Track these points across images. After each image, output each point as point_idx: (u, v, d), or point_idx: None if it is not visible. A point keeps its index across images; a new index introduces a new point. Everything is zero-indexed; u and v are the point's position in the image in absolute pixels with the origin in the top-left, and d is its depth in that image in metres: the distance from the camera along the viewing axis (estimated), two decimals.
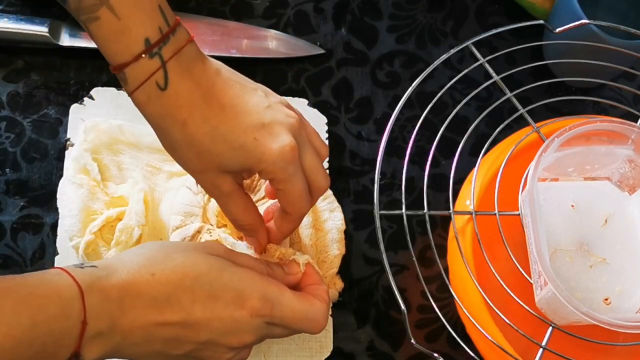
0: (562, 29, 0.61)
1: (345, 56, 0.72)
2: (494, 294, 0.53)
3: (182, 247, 0.48)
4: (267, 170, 0.47)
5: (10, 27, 0.66)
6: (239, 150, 0.46)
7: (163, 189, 0.63)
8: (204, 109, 0.45)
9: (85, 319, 0.41)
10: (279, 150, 0.46)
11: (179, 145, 0.46)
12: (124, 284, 0.44)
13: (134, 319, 0.44)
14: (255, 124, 0.46)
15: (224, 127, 0.45)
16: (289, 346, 0.61)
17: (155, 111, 0.45)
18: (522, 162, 0.58)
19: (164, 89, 0.44)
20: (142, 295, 0.44)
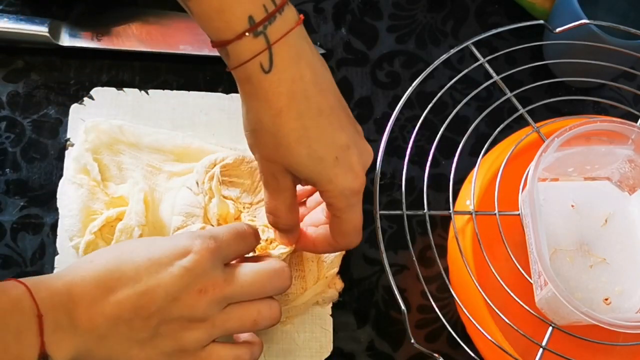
0: (562, 29, 0.61)
1: (345, 56, 0.72)
2: (494, 294, 0.53)
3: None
4: (331, 193, 0.46)
5: (10, 27, 0.66)
6: (317, 162, 0.45)
7: (163, 189, 0.63)
8: (303, 105, 0.44)
9: (39, 312, 0.41)
10: (351, 181, 0.46)
11: (262, 131, 0.45)
12: (67, 278, 0.43)
13: (88, 305, 0.43)
14: (342, 144, 0.45)
15: (314, 132, 0.44)
16: (289, 346, 0.61)
17: (252, 91, 0.44)
18: (522, 162, 0.58)
19: (267, 72, 0.43)
20: (86, 279, 0.43)
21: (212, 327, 0.46)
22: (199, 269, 0.45)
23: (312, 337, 0.61)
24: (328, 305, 0.62)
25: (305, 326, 0.62)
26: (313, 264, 0.61)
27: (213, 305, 0.46)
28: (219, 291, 0.46)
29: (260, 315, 0.48)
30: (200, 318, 0.46)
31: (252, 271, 0.48)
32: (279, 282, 0.49)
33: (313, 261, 0.61)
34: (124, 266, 0.44)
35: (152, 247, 0.46)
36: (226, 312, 0.47)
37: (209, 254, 0.46)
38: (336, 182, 0.45)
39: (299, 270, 0.60)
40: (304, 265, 0.60)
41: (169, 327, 0.45)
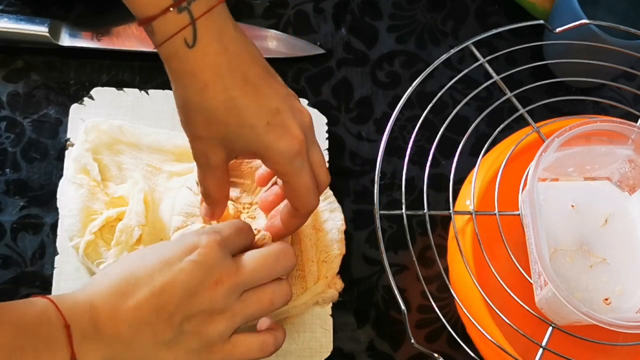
0: (562, 29, 0.61)
1: (345, 56, 0.72)
2: (494, 294, 0.53)
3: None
4: (272, 160, 0.46)
5: (10, 27, 0.66)
6: (249, 130, 0.45)
7: (163, 189, 0.63)
8: (228, 77, 0.44)
9: (66, 322, 0.42)
10: (288, 142, 0.46)
11: (191, 107, 0.45)
12: (86, 291, 0.45)
13: (110, 313, 0.44)
14: (272, 108, 0.46)
15: (242, 101, 0.45)
16: (289, 346, 0.61)
17: (178, 68, 0.45)
18: (522, 162, 0.58)
19: (191, 47, 0.43)
20: (104, 290, 0.44)
21: (233, 317, 0.47)
22: (211, 261, 0.46)
23: (312, 337, 0.61)
24: (328, 305, 0.62)
25: (305, 326, 0.62)
26: (313, 264, 0.61)
27: (231, 294, 0.47)
28: (234, 280, 0.47)
29: (275, 294, 0.49)
30: (220, 309, 0.46)
31: (260, 256, 0.49)
32: (285, 261, 0.50)
33: (313, 261, 0.61)
34: (137, 272, 0.45)
35: (161, 250, 0.47)
36: (243, 299, 0.48)
37: (217, 246, 0.47)
38: (273, 146, 0.45)
39: (299, 270, 0.61)
40: (304, 266, 0.61)
41: (192, 324, 0.46)
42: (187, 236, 0.48)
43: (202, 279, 0.46)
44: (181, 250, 0.46)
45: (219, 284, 0.46)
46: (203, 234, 0.47)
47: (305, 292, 0.60)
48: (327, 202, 0.64)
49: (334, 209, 0.64)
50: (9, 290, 0.61)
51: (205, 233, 0.48)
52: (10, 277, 0.61)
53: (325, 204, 0.64)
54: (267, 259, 0.49)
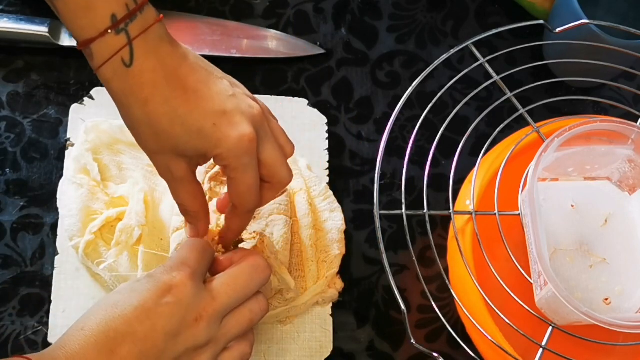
0: (562, 29, 0.61)
1: (345, 56, 0.72)
2: (494, 294, 0.53)
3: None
4: (221, 157, 0.46)
5: (10, 27, 0.66)
6: (196, 134, 0.46)
7: (163, 189, 0.63)
8: (166, 89, 0.45)
9: None
10: (237, 138, 0.46)
11: (138, 124, 0.46)
12: (66, 349, 0.44)
13: None
14: (216, 110, 0.46)
15: (183, 109, 0.45)
16: (289, 346, 0.61)
17: (119, 88, 0.46)
18: (522, 162, 0.58)
19: (129, 66, 0.44)
20: (85, 348, 0.44)
21: (216, 345, 0.47)
22: (187, 298, 0.46)
23: (312, 337, 0.61)
24: (328, 305, 0.62)
25: (305, 326, 0.62)
26: (313, 264, 0.61)
27: (212, 327, 0.47)
28: (212, 311, 0.47)
29: (253, 312, 0.49)
30: (204, 343, 0.47)
31: (232, 278, 0.49)
32: (259, 275, 0.50)
33: (313, 261, 0.61)
34: (115, 323, 0.44)
35: (133, 295, 0.46)
36: (224, 326, 0.48)
37: (190, 281, 0.47)
38: (220, 144, 0.46)
39: (299, 270, 0.61)
40: (304, 266, 0.61)
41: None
42: (157, 275, 0.47)
43: (182, 318, 0.46)
44: (155, 293, 0.46)
45: (199, 320, 0.46)
46: (173, 271, 0.47)
47: (305, 292, 0.60)
48: (327, 202, 0.64)
49: (334, 209, 0.64)
50: (9, 290, 0.61)
51: (175, 269, 0.47)
52: (10, 277, 0.61)
53: (325, 204, 0.64)
54: (239, 280, 0.49)
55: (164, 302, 0.45)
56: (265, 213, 0.59)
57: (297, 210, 0.62)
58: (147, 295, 0.46)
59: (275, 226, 0.58)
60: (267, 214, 0.59)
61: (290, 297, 0.59)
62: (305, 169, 0.65)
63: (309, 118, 0.68)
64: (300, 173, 0.64)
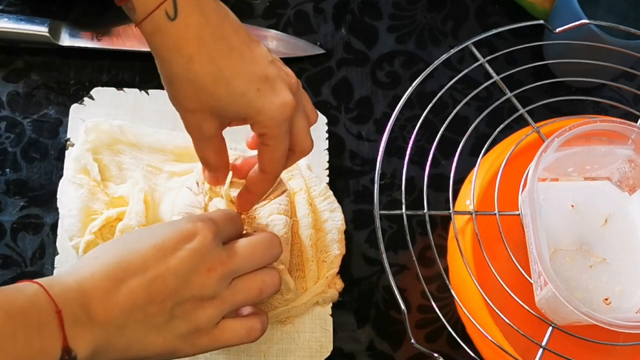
0: (562, 29, 0.61)
1: (345, 56, 0.72)
2: (494, 294, 0.53)
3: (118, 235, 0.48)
4: (263, 124, 0.46)
5: (10, 27, 0.66)
6: (240, 97, 0.45)
7: (163, 189, 0.63)
8: (212, 47, 0.44)
9: (57, 307, 0.42)
10: (281, 106, 0.46)
11: (178, 80, 0.45)
12: (76, 275, 0.44)
13: (102, 298, 0.44)
14: (260, 75, 0.46)
15: (229, 71, 0.45)
16: (289, 346, 0.61)
17: (162, 42, 0.44)
18: (522, 162, 0.58)
19: (173, 19, 0.43)
20: (95, 274, 0.44)
21: (222, 303, 0.48)
22: (205, 249, 0.47)
23: (312, 337, 0.61)
24: (328, 305, 0.62)
25: (305, 326, 0.62)
26: (313, 264, 0.61)
27: (221, 282, 0.47)
28: (225, 267, 0.47)
29: (265, 283, 0.50)
30: (210, 296, 0.47)
31: (250, 244, 0.50)
32: (273, 249, 0.51)
33: (313, 261, 0.61)
34: (130, 256, 0.45)
35: (155, 234, 0.47)
36: (233, 287, 0.48)
37: (212, 235, 0.47)
38: (264, 111, 0.46)
39: (299, 270, 0.61)
40: (304, 266, 0.61)
41: (182, 309, 0.46)
42: (182, 222, 0.48)
43: (195, 266, 0.46)
44: (176, 236, 0.46)
45: (211, 271, 0.47)
46: (198, 221, 0.48)
47: (305, 292, 0.60)
48: (327, 202, 0.64)
49: (334, 209, 0.64)
50: None
51: (200, 220, 0.48)
52: (10, 277, 0.61)
53: (326, 204, 0.64)
54: (256, 247, 0.50)
55: (182, 247, 0.46)
56: (265, 213, 0.59)
57: (297, 210, 0.62)
58: (167, 236, 0.46)
59: (275, 226, 0.58)
60: (267, 214, 0.59)
61: (290, 297, 0.59)
62: (305, 169, 0.65)
63: None
64: (300, 173, 0.64)
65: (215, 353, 0.60)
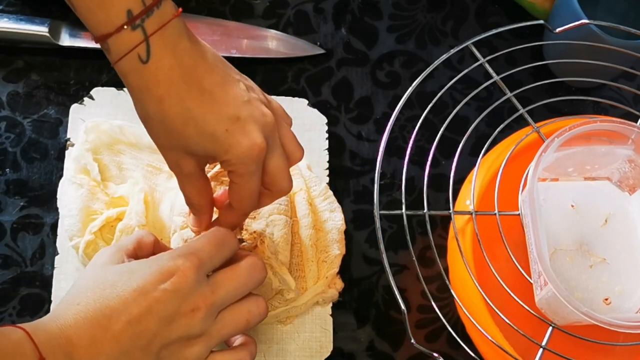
0: (562, 29, 0.61)
1: (345, 56, 0.72)
2: (494, 294, 0.53)
3: (93, 270, 0.48)
4: (229, 162, 0.47)
5: (10, 27, 0.66)
6: (208, 137, 0.46)
7: (164, 189, 0.63)
8: (182, 89, 0.45)
9: (41, 355, 0.42)
10: (248, 147, 0.46)
11: (151, 120, 0.46)
12: (60, 321, 0.44)
13: (87, 347, 0.43)
14: (230, 115, 0.46)
15: (198, 111, 0.45)
16: (289, 346, 0.61)
17: (135, 83, 0.46)
18: (522, 162, 0.58)
19: (145, 62, 0.45)
20: (79, 322, 0.44)
21: (209, 339, 0.47)
22: (187, 289, 0.46)
23: (312, 337, 0.61)
24: (328, 305, 0.62)
25: (305, 326, 0.62)
26: (313, 264, 0.61)
27: (207, 319, 0.47)
28: (210, 304, 0.47)
29: (251, 313, 0.49)
30: (197, 334, 0.47)
31: (233, 274, 0.49)
32: (257, 274, 0.50)
33: (313, 261, 0.61)
34: (112, 302, 0.45)
35: (133, 277, 0.46)
36: (219, 321, 0.48)
37: (193, 272, 0.47)
38: (232, 151, 0.46)
39: (299, 270, 0.61)
40: (304, 266, 0.61)
41: (169, 350, 0.46)
42: (163, 260, 0.47)
43: (178, 307, 0.46)
44: (156, 277, 0.46)
45: (195, 311, 0.46)
46: (179, 258, 0.47)
47: (305, 292, 0.60)
48: (327, 202, 0.64)
49: (334, 209, 0.64)
50: (9, 291, 0.61)
51: (182, 256, 0.47)
52: (10, 277, 0.61)
53: (326, 204, 0.64)
54: (239, 276, 0.49)
55: (162, 288, 0.45)
56: (265, 213, 0.59)
57: (297, 210, 0.62)
58: (147, 278, 0.46)
59: (275, 226, 0.58)
60: (267, 214, 0.59)
61: (290, 297, 0.59)
62: (305, 169, 0.65)
63: (309, 118, 0.68)
64: (300, 173, 0.64)
65: None
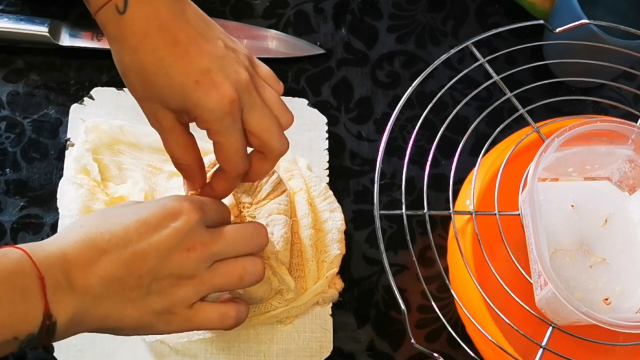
0: (562, 29, 0.61)
1: (345, 56, 0.72)
2: (494, 294, 0.53)
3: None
4: (202, 118, 0.47)
5: (10, 27, 0.66)
6: (178, 88, 0.46)
7: (164, 189, 0.63)
8: (156, 39, 0.46)
9: (40, 273, 0.42)
10: (217, 99, 0.46)
11: (127, 70, 0.47)
12: (60, 242, 0.45)
13: (83, 267, 0.44)
14: (201, 68, 0.46)
15: (169, 60, 0.46)
16: (289, 346, 0.61)
17: (112, 33, 0.47)
18: (522, 162, 0.58)
19: (122, 13, 0.46)
20: (78, 242, 0.45)
21: (200, 284, 0.48)
22: (188, 228, 0.47)
23: (312, 337, 0.61)
24: (328, 305, 0.62)
25: (305, 326, 0.62)
26: (313, 264, 0.61)
27: (201, 262, 0.48)
28: (206, 248, 0.48)
29: (246, 270, 0.50)
30: (188, 275, 0.47)
31: (235, 229, 0.50)
32: (259, 238, 0.51)
33: (313, 261, 0.61)
34: (114, 228, 0.46)
35: (141, 209, 0.47)
36: (213, 269, 0.49)
37: (197, 216, 0.48)
38: (201, 104, 0.46)
39: (299, 270, 0.61)
40: (304, 266, 0.61)
41: (160, 285, 0.47)
42: (169, 200, 0.48)
43: (176, 244, 0.46)
44: (161, 214, 0.47)
45: (191, 250, 0.47)
46: (185, 201, 0.48)
47: (305, 292, 0.60)
48: (327, 202, 0.64)
49: (334, 209, 0.64)
50: None
51: (188, 201, 0.48)
52: None
53: (325, 204, 0.64)
54: (242, 233, 0.50)
55: (165, 224, 0.47)
56: (265, 213, 0.59)
57: (297, 210, 0.62)
58: (152, 212, 0.47)
59: (275, 226, 0.58)
60: (267, 214, 0.59)
61: (290, 297, 0.59)
62: (305, 169, 0.65)
63: (309, 118, 0.68)
64: (300, 173, 0.64)
65: (215, 352, 0.60)
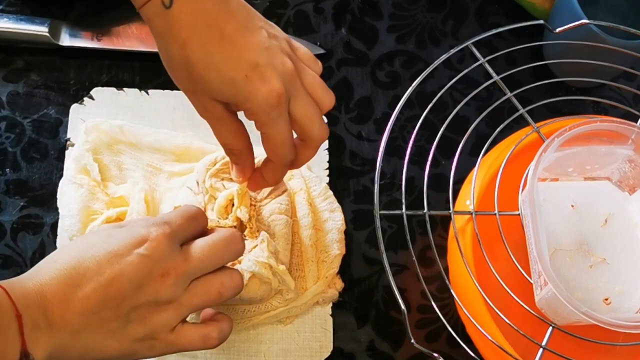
0: (562, 29, 0.61)
1: (345, 56, 0.72)
2: (494, 294, 0.53)
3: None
4: (250, 111, 0.47)
5: (10, 27, 0.66)
6: (228, 83, 0.46)
7: (164, 189, 0.63)
8: (204, 33, 0.46)
9: (17, 311, 0.43)
10: (267, 93, 0.46)
11: (175, 64, 0.47)
12: (36, 279, 0.45)
13: (59, 303, 0.45)
14: (250, 62, 0.47)
15: (218, 56, 0.46)
16: (289, 346, 0.61)
17: (159, 27, 0.46)
18: (522, 162, 0.58)
19: (168, 7, 0.45)
20: (54, 279, 0.45)
21: (179, 307, 0.48)
22: (158, 254, 0.47)
23: (312, 337, 0.61)
24: (328, 305, 0.62)
25: (305, 326, 0.62)
26: (313, 264, 0.61)
27: (177, 286, 0.48)
28: (180, 271, 0.48)
29: (224, 286, 0.50)
30: (166, 300, 0.47)
31: (207, 244, 0.50)
32: (233, 247, 0.51)
33: (313, 261, 0.61)
34: (86, 262, 0.46)
35: (109, 240, 0.47)
36: (190, 290, 0.49)
37: (166, 239, 0.48)
38: (251, 98, 0.47)
39: (299, 270, 0.61)
40: (304, 266, 0.61)
41: (138, 313, 0.47)
42: (136, 227, 0.48)
43: (149, 271, 0.47)
44: (130, 242, 0.47)
45: (165, 276, 0.47)
46: (152, 226, 0.48)
47: (305, 292, 0.60)
48: (327, 202, 0.64)
49: (334, 209, 0.64)
50: None
51: (155, 225, 0.48)
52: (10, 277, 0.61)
53: (326, 204, 0.64)
54: (214, 247, 0.50)
55: (136, 252, 0.47)
56: (265, 213, 0.59)
57: (297, 210, 0.62)
58: (121, 242, 0.47)
59: (275, 226, 0.58)
60: (268, 214, 0.59)
61: (290, 297, 0.59)
62: (305, 169, 0.65)
63: None
64: (300, 173, 0.64)
65: (215, 352, 0.60)
